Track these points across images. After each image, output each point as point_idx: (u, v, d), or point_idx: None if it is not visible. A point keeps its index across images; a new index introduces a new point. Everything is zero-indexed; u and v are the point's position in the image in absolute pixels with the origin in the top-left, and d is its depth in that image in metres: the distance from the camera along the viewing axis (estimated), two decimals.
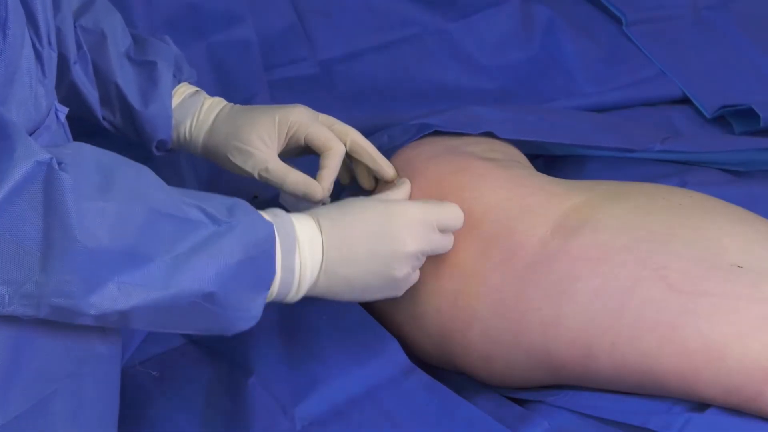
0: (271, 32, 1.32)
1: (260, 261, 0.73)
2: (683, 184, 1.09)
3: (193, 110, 0.97)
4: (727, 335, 0.79)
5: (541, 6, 1.42)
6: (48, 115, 0.74)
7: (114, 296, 0.65)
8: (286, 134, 0.93)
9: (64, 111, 0.78)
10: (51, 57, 0.74)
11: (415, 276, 0.86)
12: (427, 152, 0.99)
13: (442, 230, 0.87)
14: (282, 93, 1.27)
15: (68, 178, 0.61)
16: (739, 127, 1.28)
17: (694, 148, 1.17)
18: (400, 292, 0.86)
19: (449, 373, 0.97)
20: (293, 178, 0.91)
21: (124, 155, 0.71)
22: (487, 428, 0.85)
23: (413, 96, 1.30)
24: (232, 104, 0.98)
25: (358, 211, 0.81)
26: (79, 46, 0.91)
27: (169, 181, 0.72)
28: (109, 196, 0.64)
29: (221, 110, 0.97)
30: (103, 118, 0.95)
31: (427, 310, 0.93)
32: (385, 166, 0.96)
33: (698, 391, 0.80)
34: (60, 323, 0.71)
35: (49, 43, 0.73)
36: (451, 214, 0.87)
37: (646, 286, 0.83)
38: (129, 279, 0.65)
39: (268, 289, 0.75)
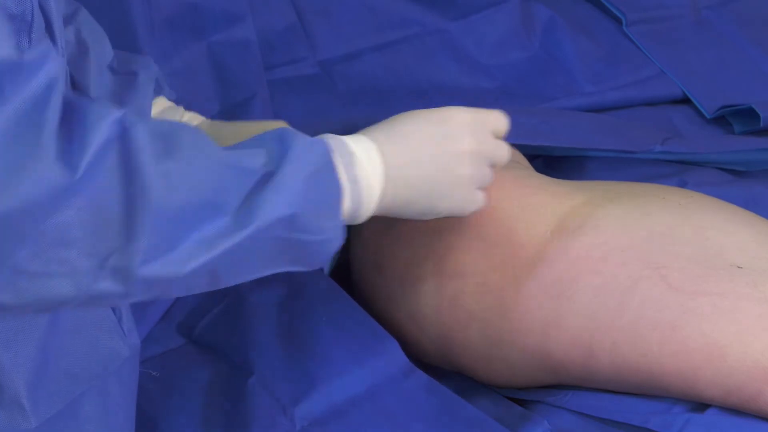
0: (271, 32, 1.32)
1: (324, 175, 0.72)
2: (683, 184, 1.09)
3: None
4: (728, 335, 0.79)
5: (541, 5, 1.42)
6: None
7: (197, 251, 0.64)
8: None
9: None
10: (63, 64, 0.74)
11: (481, 197, 0.85)
12: None
13: (494, 134, 0.86)
14: (282, 93, 1.27)
15: (142, 138, 0.61)
16: (739, 127, 1.28)
17: (694, 149, 1.17)
18: (469, 201, 0.84)
19: (449, 373, 0.97)
20: None
21: None
22: (487, 428, 0.85)
23: (413, 96, 1.30)
24: (209, 120, 0.97)
25: (408, 120, 0.81)
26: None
27: None
28: (176, 156, 0.63)
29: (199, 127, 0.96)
30: None
31: (426, 310, 0.93)
32: None
33: (698, 391, 0.80)
34: (83, 324, 0.72)
35: (62, 48, 0.74)
36: (497, 118, 0.86)
37: (647, 285, 0.83)
38: (207, 231, 0.64)
39: (341, 203, 0.73)
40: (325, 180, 0.72)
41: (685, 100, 1.34)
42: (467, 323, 0.91)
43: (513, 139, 1.06)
